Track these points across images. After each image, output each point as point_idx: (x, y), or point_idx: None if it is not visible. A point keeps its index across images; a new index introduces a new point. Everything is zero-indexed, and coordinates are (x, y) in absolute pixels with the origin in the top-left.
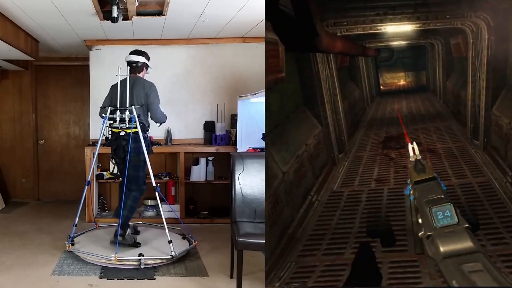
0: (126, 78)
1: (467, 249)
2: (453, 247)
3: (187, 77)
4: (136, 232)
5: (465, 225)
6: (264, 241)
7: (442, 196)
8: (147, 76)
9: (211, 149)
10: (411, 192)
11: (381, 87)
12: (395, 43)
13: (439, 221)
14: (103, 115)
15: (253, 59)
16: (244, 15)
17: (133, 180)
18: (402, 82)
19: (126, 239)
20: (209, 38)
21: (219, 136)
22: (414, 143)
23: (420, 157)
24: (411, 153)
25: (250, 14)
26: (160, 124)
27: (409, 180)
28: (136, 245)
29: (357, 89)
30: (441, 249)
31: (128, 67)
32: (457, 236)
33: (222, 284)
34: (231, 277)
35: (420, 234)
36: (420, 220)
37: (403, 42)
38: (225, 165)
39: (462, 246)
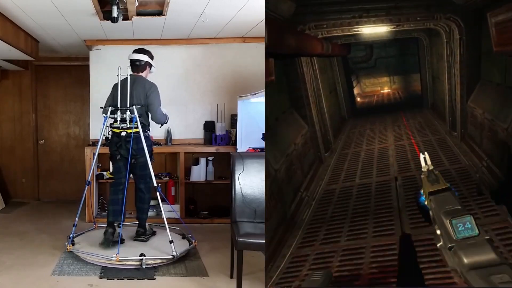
0: (126, 78)
1: (491, 261)
2: (478, 258)
3: (187, 77)
4: (153, 232)
5: (486, 237)
6: (264, 241)
7: (459, 207)
8: (151, 75)
9: (211, 149)
10: (426, 202)
11: (358, 98)
12: (367, 33)
13: (460, 233)
14: (104, 115)
15: (253, 59)
16: (244, 15)
17: (140, 178)
18: (386, 90)
19: (147, 234)
20: (209, 38)
21: (219, 136)
22: (426, 153)
23: (433, 167)
24: (422, 164)
25: (250, 14)
26: (162, 125)
27: (422, 191)
28: (154, 233)
29: (304, 127)
30: (465, 260)
31: (131, 66)
32: (480, 247)
33: (222, 284)
34: (231, 277)
35: (439, 245)
36: (438, 231)
37: (381, 30)
38: (225, 165)
39: (486, 257)
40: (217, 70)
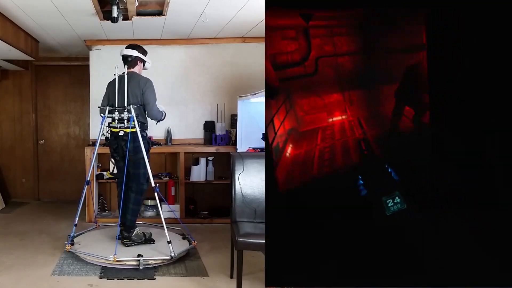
0: (121, 76)
1: None
2: None
3: (187, 77)
4: (151, 239)
5: None
6: (264, 241)
7: None
8: (147, 72)
9: (211, 149)
10: None
11: (287, 151)
12: None
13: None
14: (102, 115)
15: (253, 59)
16: (244, 15)
17: (133, 178)
18: (338, 117)
19: (133, 239)
20: (209, 38)
21: (219, 136)
22: None
23: None
24: None
25: (250, 14)
26: (158, 121)
27: None
28: (151, 241)
29: None
30: None
31: (123, 62)
32: None
33: (222, 284)
34: (231, 277)
35: None
36: None
37: None
38: (225, 165)
39: None
40: (217, 70)
